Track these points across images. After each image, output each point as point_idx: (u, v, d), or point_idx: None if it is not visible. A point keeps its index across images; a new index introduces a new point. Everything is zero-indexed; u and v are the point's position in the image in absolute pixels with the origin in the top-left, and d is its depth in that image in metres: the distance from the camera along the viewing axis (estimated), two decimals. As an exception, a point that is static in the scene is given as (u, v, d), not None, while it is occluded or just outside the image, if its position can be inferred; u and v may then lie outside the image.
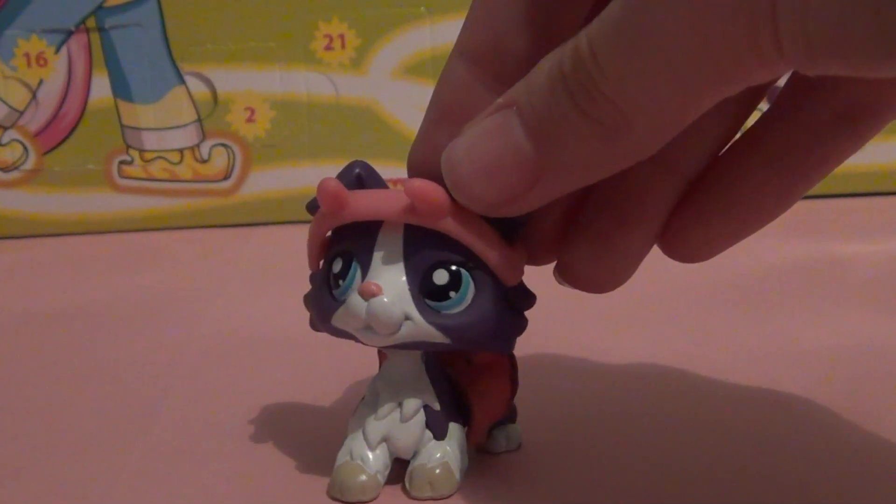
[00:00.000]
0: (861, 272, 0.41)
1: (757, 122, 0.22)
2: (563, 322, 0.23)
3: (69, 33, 0.52)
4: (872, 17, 0.14)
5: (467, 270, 0.21)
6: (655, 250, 0.23)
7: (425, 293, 0.21)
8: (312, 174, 0.54)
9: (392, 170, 0.51)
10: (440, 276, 0.21)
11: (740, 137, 0.22)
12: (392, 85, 0.53)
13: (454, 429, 0.23)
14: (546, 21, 0.20)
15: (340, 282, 0.21)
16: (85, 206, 0.55)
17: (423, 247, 0.21)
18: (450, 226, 0.21)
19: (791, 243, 0.43)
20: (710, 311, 0.36)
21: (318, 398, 0.29)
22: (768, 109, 0.22)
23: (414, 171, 0.22)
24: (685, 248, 0.23)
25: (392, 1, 0.51)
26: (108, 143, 0.54)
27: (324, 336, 0.24)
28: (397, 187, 0.21)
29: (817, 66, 0.15)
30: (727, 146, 0.22)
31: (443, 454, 0.22)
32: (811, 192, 0.22)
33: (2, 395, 0.31)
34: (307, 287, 0.23)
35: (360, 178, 0.22)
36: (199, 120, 0.54)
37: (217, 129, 0.54)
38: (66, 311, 0.40)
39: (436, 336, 0.21)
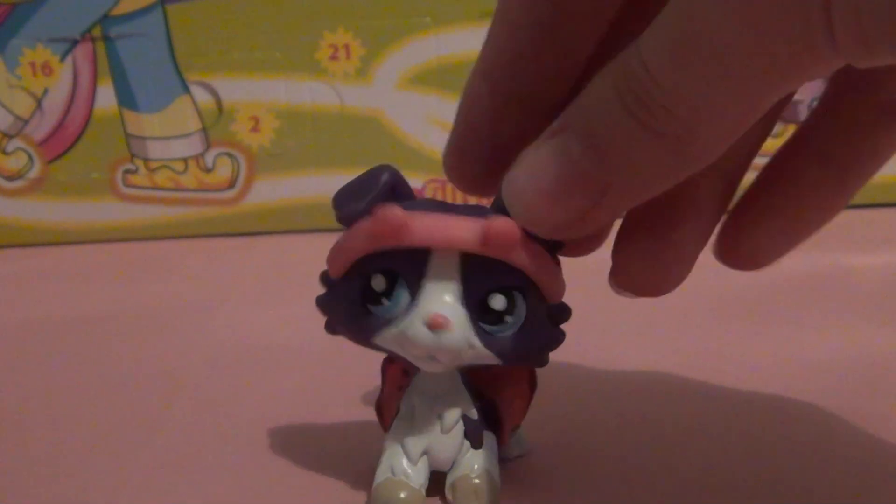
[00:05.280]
0: (867, 283, 0.41)
1: (805, 122, 0.22)
2: (571, 330, 0.22)
3: (74, 42, 0.53)
4: None
5: (520, 293, 0.21)
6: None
7: (481, 317, 0.21)
8: (317, 183, 0.54)
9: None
10: (497, 302, 0.21)
11: (790, 138, 0.22)
12: (397, 95, 0.53)
13: (488, 437, 0.23)
14: (567, 41, 0.20)
15: (385, 301, 0.21)
16: (89, 214, 0.55)
17: (480, 272, 0.20)
18: (516, 257, 0.20)
19: (797, 254, 0.43)
20: (716, 320, 0.36)
21: (324, 407, 0.29)
22: (815, 108, 0.22)
23: (450, 172, 0.23)
24: (742, 254, 0.23)
25: (397, 11, 0.52)
26: (113, 152, 0.54)
27: (329, 345, 0.23)
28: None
29: (872, 57, 0.15)
30: (778, 147, 0.22)
31: (483, 463, 0.22)
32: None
33: (7, 403, 0.31)
34: (312, 296, 0.23)
35: (392, 187, 0.21)
36: (204, 129, 0.54)
37: (222, 139, 0.54)
38: (70, 319, 0.40)
39: (491, 359, 0.21)
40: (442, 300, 0.20)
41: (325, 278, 0.22)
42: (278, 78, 0.53)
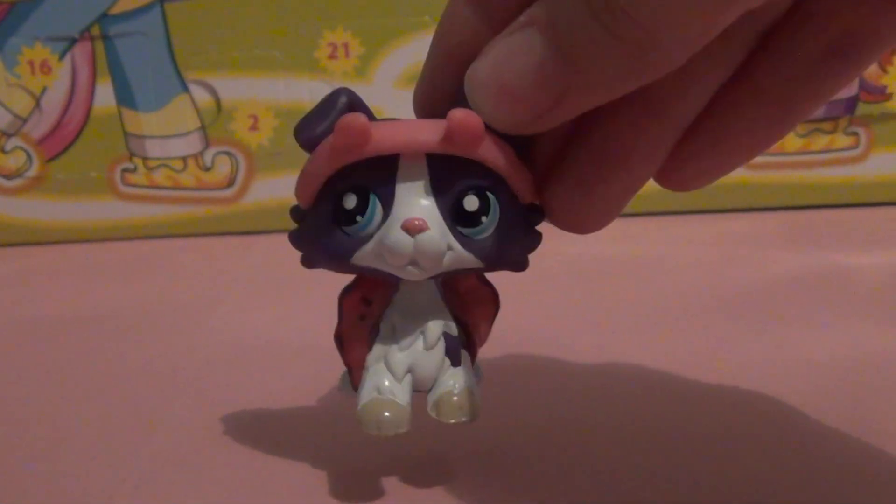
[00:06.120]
0: (865, 283, 0.41)
1: (748, 58, 0.21)
2: (568, 329, 0.23)
3: (73, 41, 0.53)
4: None
5: (492, 193, 0.21)
6: (655, 261, 0.23)
7: (458, 220, 0.21)
8: (316, 183, 0.54)
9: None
10: (470, 203, 0.21)
11: (732, 74, 0.22)
12: (396, 94, 0.53)
13: (465, 356, 0.23)
14: None
15: (359, 218, 0.21)
16: (88, 213, 0.55)
17: (449, 174, 0.21)
18: (483, 152, 0.20)
19: (795, 254, 0.43)
20: (714, 320, 0.36)
21: (323, 406, 0.29)
22: (759, 44, 0.21)
23: (421, 111, 0.22)
24: (675, 178, 0.23)
25: (396, 10, 0.51)
26: (112, 151, 0.54)
27: (328, 344, 0.23)
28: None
29: None
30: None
31: (463, 381, 0.22)
32: (815, 202, 0.22)
33: (4, 401, 0.31)
34: (310, 296, 0.23)
35: (351, 106, 0.21)
36: (203, 128, 0.53)
37: (220, 137, 0.54)
38: (68, 318, 0.40)
39: (472, 262, 0.21)
40: (417, 204, 0.21)
41: (295, 212, 0.22)
42: (277, 77, 0.53)
